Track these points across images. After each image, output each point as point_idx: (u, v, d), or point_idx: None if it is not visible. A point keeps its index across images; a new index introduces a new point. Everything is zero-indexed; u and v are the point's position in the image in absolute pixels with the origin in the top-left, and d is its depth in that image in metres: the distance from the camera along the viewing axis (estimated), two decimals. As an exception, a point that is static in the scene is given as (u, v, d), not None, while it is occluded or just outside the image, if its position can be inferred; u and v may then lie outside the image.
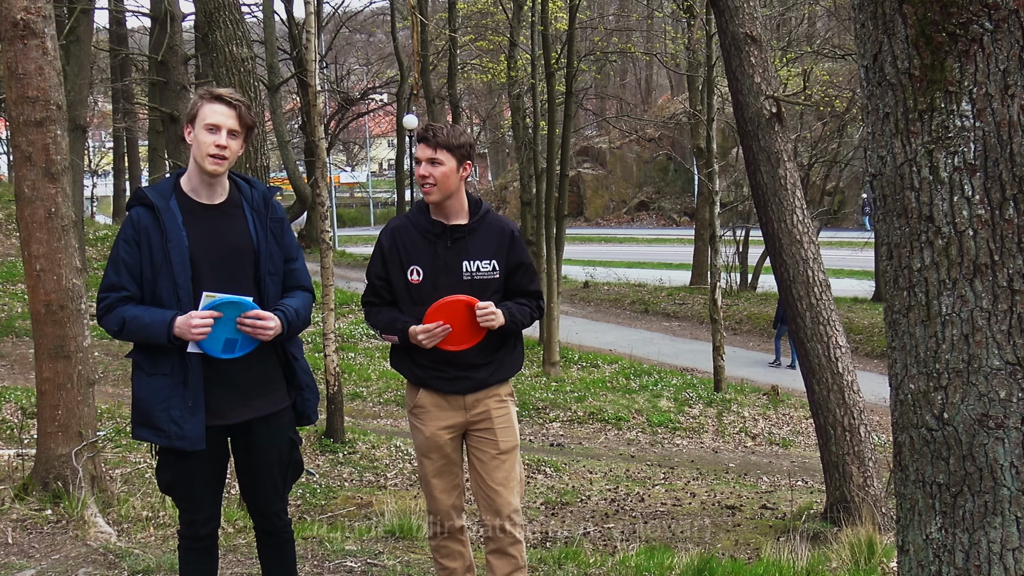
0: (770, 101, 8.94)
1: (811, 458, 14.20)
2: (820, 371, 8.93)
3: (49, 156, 6.75)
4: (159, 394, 4.07)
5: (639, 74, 55.74)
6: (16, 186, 6.96)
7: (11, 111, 6.86)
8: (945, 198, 2.64)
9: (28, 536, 6.37)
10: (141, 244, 4.04)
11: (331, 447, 13.52)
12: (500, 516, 4.70)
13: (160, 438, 4.09)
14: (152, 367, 4.10)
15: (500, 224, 4.76)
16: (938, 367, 2.72)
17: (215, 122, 4.03)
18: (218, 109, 4.04)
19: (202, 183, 4.14)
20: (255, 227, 4.20)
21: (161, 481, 4.31)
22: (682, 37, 27.52)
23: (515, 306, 4.68)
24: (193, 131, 4.07)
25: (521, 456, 4.97)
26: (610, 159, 54.04)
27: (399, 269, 4.61)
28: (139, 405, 4.14)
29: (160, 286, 4.05)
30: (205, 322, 3.97)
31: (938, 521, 2.79)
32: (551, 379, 19.66)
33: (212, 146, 4.02)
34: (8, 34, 6.68)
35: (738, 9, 8.97)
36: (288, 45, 30.20)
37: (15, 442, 10.86)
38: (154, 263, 4.04)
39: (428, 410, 4.68)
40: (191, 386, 4.07)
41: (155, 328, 3.98)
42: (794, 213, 8.95)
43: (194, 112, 4.09)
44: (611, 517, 10.84)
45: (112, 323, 4.06)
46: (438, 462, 4.72)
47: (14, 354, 17.12)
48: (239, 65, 7.71)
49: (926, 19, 2.59)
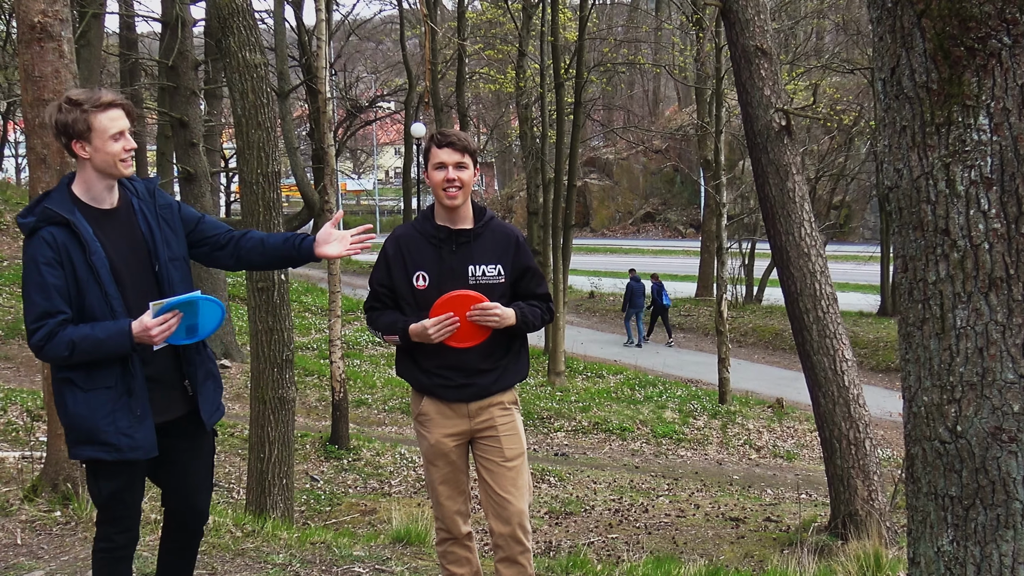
0: (779, 114, 8.96)
1: (815, 471, 14.21)
2: (826, 384, 8.93)
3: (64, 159, 6.77)
4: (102, 408, 3.96)
5: (647, 86, 55.78)
6: (31, 188, 7.00)
7: (27, 113, 6.89)
8: (961, 211, 2.65)
9: (37, 537, 6.38)
10: (64, 264, 3.90)
11: (336, 454, 13.55)
12: (510, 524, 4.71)
13: (110, 453, 3.97)
14: (89, 382, 3.97)
15: (504, 230, 4.79)
16: (952, 380, 2.72)
17: (120, 129, 3.98)
18: (114, 115, 3.98)
19: (105, 188, 4.06)
20: (145, 219, 4.13)
21: (102, 493, 4.16)
22: (691, 49, 27.55)
23: (527, 306, 4.70)
24: (91, 144, 3.95)
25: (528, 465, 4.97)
26: (617, 170, 54.09)
27: (404, 275, 4.62)
28: (78, 424, 3.98)
29: (89, 302, 3.93)
30: (166, 324, 3.89)
31: (950, 534, 2.79)
32: (556, 389, 19.68)
33: (123, 151, 3.98)
34: (25, 37, 6.72)
35: (749, 22, 8.99)
36: (297, 52, 30.23)
37: (21, 444, 10.88)
38: (79, 280, 3.91)
39: (432, 418, 4.69)
40: (136, 394, 3.99)
41: (114, 340, 3.88)
42: (802, 226, 8.96)
43: (86, 126, 3.94)
44: (615, 527, 10.85)
45: (60, 349, 3.88)
46: (444, 469, 4.73)
47: (20, 356, 17.15)
48: (252, 71, 7.72)
49: (944, 33, 2.61)
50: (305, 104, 32.75)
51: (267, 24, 25.59)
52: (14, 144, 41.70)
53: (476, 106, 46.35)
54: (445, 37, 29.49)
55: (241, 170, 7.92)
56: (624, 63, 31.30)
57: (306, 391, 17.88)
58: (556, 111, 21.01)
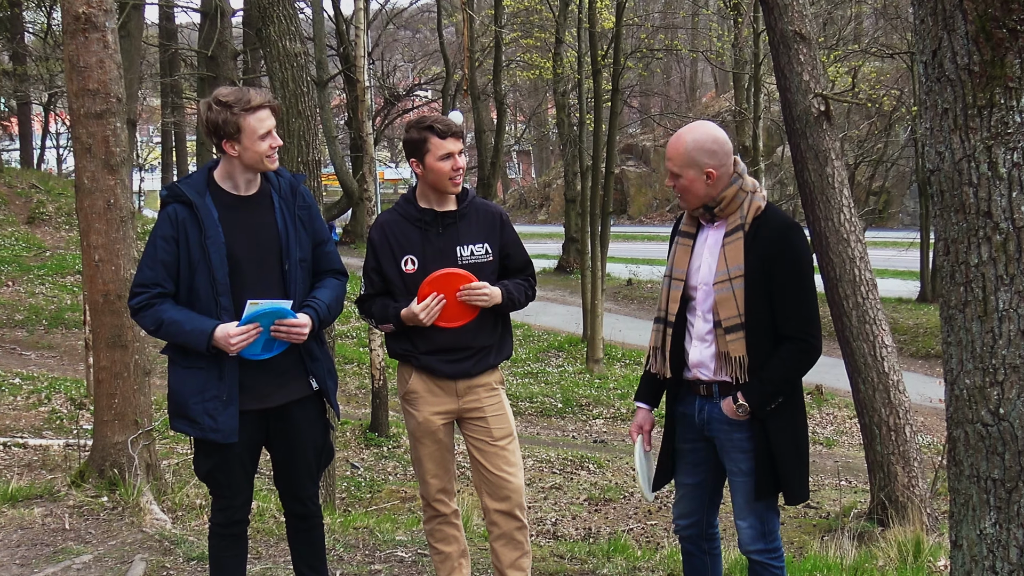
0: (818, 99, 8.90)
1: (855, 458, 14.14)
2: (866, 370, 8.88)
3: (109, 148, 6.86)
4: (193, 386, 4.15)
5: (683, 72, 55.52)
6: (76, 177, 7.09)
7: (72, 103, 6.98)
8: (1004, 194, 2.65)
9: (85, 522, 6.48)
10: (179, 241, 4.11)
11: (376, 441, 13.63)
12: (509, 502, 4.75)
13: (195, 430, 4.18)
14: (186, 360, 4.18)
15: (488, 208, 4.84)
16: (994, 363, 2.73)
17: (268, 128, 4.14)
18: (261, 115, 4.12)
19: (245, 179, 4.24)
20: (282, 215, 4.28)
21: (200, 469, 4.39)
22: (728, 35, 27.41)
23: (512, 284, 4.75)
24: (240, 144, 4.11)
25: (565, 452, 4.99)
26: (654, 157, 53.86)
27: (392, 261, 4.66)
28: (174, 397, 4.22)
29: (197, 282, 4.12)
30: (244, 336, 4.06)
31: (992, 516, 2.80)
32: (594, 376, 19.67)
33: (269, 149, 4.16)
34: (70, 27, 6.80)
35: (787, 7, 8.94)
36: (335, 41, 30.33)
37: (66, 432, 11.02)
38: (191, 259, 4.11)
39: (421, 396, 4.73)
40: (225, 379, 4.15)
41: (194, 336, 4.06)
42: (841, 212, 8.91)
43: (236, 128, 4.09)
44: (654, 514, 10.86)
45: (148, 322, 4.13)
46: (431, 447, 4.77)
47: (63, 345, 17.35)
48: (292, 60, 7.76)
49: (987, 15, 2.61)
50: (343, 93, 32.87)
51: (305, 14, 25.70)
52: (55, 135, 42.08)
53: (513, 94, 46.35)
54: (482, 25, 29.49)
55: (281, 159, 7.98)
56: (661, 49, 31.17)
57: (346, 379, 17.97)
58: (594, 98, 20.95)
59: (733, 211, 4.16)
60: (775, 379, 4.09)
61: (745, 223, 4.12)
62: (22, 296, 20.17)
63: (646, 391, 4.58)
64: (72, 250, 22.78)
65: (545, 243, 37.72)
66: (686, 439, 4.42)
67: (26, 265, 21.96)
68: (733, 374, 4.12)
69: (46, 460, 9.39)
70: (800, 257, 4.12)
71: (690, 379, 4.32)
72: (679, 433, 4.44)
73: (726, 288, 4.10)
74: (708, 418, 4.27)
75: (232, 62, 21.43)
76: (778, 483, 4.18)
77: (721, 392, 4.21)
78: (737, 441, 4.21)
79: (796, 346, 4.10)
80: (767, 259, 4.06)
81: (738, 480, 4.27)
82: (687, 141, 4.11)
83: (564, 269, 32.56)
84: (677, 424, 4.44)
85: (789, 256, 4.09)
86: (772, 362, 4.09)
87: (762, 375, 4.09)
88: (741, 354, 4.09)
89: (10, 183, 27.16)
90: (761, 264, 4.06)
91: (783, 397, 4.14)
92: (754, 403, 4.09)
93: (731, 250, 4.12)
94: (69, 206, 25.25)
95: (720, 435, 4.26)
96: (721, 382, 4.21)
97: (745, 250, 4.10)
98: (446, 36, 31.71)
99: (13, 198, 26.25)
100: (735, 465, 4.26)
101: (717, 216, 4.19)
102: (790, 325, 4.09)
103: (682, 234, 4.36)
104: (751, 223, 4.13)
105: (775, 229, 4.11)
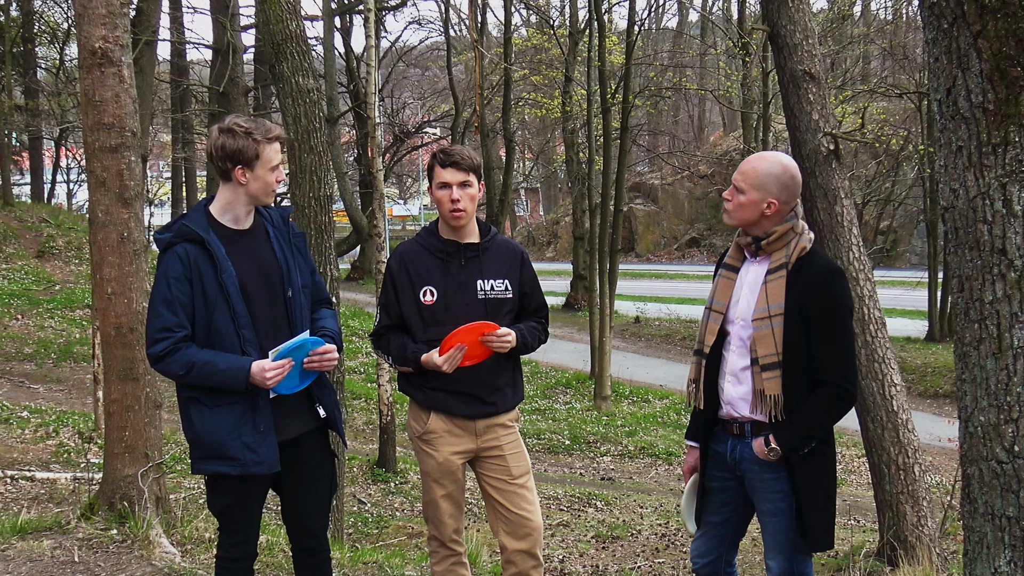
0: (828, 138, 8.94)
1: (863, 496, 14.07)
2: (875, 409, 8.86)
3: (123, 181, 6.90)
4: (227, 424, 4.10)
5: (691, 111, 55.74)
6: (90, 210, 7.12)
7: (87, 137, 7.03)
8: (1018, 231, 2.66)
9: (94, 555, 6.47)
10: (193, 280, 4.06)
11: (383, 476, 13.60)
12: (529, 539, 4.74)
13: (234, 467, 4.11)
14: (214, 400, 4.12)
15: (510, 245, 4.84)
16: (1009, 400, 2.73)
17: (280, 161, 4.20)
18: (277, 147, 4.19)
19: (245, 212, 4.26)
20: (279, 246, 4.31)
21: (215, 506, 4.34)
22: (737, 74, 27.53)
23: (527, 328, 4.74)
24: (253, 172, 4.15)
25: (573, 489, 5.01)
26: (662, 195, 53.97)
27: (410, 291, 4.63)
28: (204, 439, 4.14)
29: (216, 319, 4.09)
30: (281, 370, 4.07)
31: (1007, 554, 2.79)
32: (602, 413, 19.63)
33: (275, 182, 4.20)
34: (87, 62, 6.86)
35: (797, 46, 8.99)
36: (345, 78, 30.50)
37: (73, 466, 11.02)
38: (207, 297, 4.08)
39: (440, 436, 4.70)
40: (260, 410, 4.13)
41: (231, 375, 4.02)
42: (850, 250, 8.92)
43: (255, 154, 4.14)
44: (662, 552, 10.80)
45: (177, 367, 4.05)
46: (449, 487, 4.75)
47: (72, 379, 17.36)
48: (305, 96, 7.82)
49: (1001, 54, 2.63)
50: (353, 130, 33.02)
51: (317, 52, 25.89)
52: (65, 170, 42.26)
53: (521, 131, 46.51)
54: (491, 63, 29.65)
55: (293, 194, 8.02)
56: (671, 88, 31.29)
57: (353, 414, 17.95)
58: (603, 136, 21.04)
59: (779, 248, 4.18)
60: (808, 424, 4.09)
61: (789, 262, 4.14)
62: (31, 329, 20.19)
63: (695, 429, 4.58)
64: (81, 284, 22.83)
65: (553, 280, 37.71)
66: (716, 477, 4.42)
67: (35, 299, 22.00)
68: (768, 412, 4.12)
69: (53, 493, 9.38)
70: (839, 303, 4.11)
71: (723, 417, 4.33)
72: (709, 471, 4.44)
73: (765, 325, 4.11)
74: (739, 457, 4.28)
75: (243, 98, 21.56)
76: (804, 528, 4.17)
77: (753, 431, 4.20)
78: (768, 482, 4.21)
79: (831, 391, 4.10)
80: (807, 301, 4.08)
81: (768, 520, 4.27)
82: (768, 164, 4.15)
83: (572, 306, 32.54)
84: (709, 461, 4.44)
85: (829, 300, 4.09)
86: (806, 407, 4.09)
87: (795, 419, 4.09)
88: (776, 392, 4.09)
89: (20, 217, 27.25)
90: (800, 305, 4.07)
91: (815, 443, 4.14)
92: (785, 446, 4.09)
93: (773, 288, 4.13)
94: (79, 240, 25.32)
95: (751, 475, 4.26)
96: (753, 421, 4.21)
97: (786, 289, 4.12)
98: (455, 74, 31.82)
99: (23, 232, 26.33)
100: (765, 505, 4.25)
101: (763, 249, 4.21)
102: (826, 370, 4.10)
103: (726, 267, 4.38)
104: (795, 263, 4.14)
105: (818, 272, 4.12)
